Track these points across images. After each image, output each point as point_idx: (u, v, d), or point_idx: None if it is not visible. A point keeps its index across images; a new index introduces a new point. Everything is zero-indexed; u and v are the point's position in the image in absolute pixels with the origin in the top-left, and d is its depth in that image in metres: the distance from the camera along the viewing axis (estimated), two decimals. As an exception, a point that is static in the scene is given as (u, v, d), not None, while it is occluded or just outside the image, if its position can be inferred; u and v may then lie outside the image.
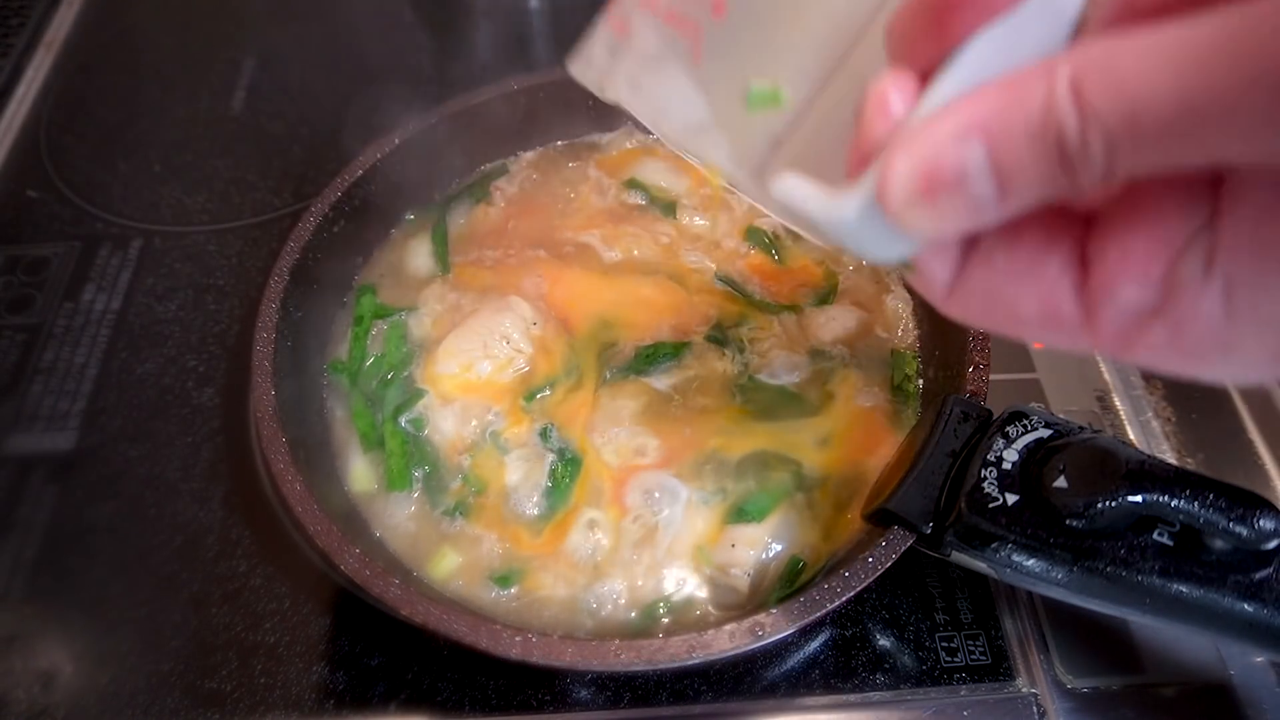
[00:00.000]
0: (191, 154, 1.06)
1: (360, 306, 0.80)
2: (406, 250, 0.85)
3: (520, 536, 0.69)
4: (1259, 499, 0.50)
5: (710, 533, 0.68)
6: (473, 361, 0.74)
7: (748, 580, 0.65)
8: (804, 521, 0.68)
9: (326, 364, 0.77)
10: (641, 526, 0.68)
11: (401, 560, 0.68)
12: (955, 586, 0.72)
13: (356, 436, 0.73)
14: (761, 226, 0.85)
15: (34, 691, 0.68)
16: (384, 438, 0.72)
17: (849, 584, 0.57)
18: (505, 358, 0.75)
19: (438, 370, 0.75)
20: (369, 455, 0.73)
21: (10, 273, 0.94)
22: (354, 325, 0.79)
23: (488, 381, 0.74)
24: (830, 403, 0.74)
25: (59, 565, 0.75)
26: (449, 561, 0.68)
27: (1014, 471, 0.56)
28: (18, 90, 1.13)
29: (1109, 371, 0.86)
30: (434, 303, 0.81)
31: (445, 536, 0.69)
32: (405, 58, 1.16)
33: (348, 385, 0.76)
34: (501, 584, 0.66)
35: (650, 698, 0.67)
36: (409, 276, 0.84)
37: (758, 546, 0.66)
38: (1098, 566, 0.53)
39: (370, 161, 0.81)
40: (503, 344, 0.75)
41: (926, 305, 0.77)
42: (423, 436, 0.73)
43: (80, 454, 0.81)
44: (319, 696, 0.68)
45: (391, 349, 0.77)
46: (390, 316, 0.80)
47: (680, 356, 0.76)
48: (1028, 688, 0.67)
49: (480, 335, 0.75)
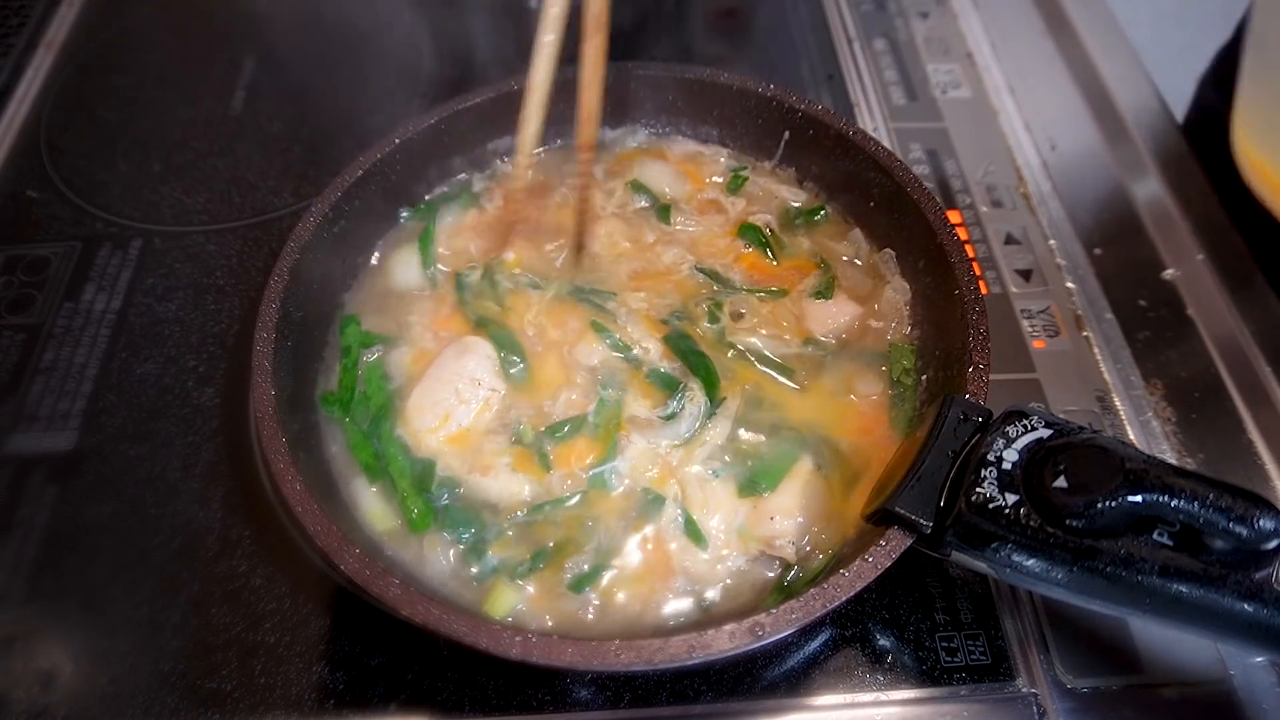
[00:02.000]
0: (191, 154, 1.06)
1: (346, 337, 0.78)
2: (394, 262, 0.84)
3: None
4: (1259, 499, 0.50)
5: (739, 510, 0.69)
6: (449, 411, 0.73)
7: (793, 548, 0.66)
8: (818, 490, 0.69)
9: (319, 395, 0.76)
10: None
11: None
12: (955, 586, 0.72)
13: (359, 467, 0.72)
14: (755, 223, 0.85)
15: (34, 691, 0.68)
16: (393, 477, 0.71)
17: (849, 584, 0.57)
18: (482, 400, 0.73)
19: (416, 427, 0.73)
20: (377, 486, 0.71)
21: (10, 273, 0.94)
22: (342, 357, 0.78)
23: (472, 428, 0.73)
24: (820, 388, 0.75)
25: (59, 565, 0.75)
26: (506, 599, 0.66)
27: (1014, 471, 0.56)
28: (18, 90, 1.13)
29: (1109, 371, 0.86)
30: (417, 328, 0.79)
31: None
32: (405, 58, 1.16)
33: (341, 416, 0.75)
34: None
35: (650, 698, 0.67)
36: (396, 294, 0.82)
37: (794, 514, 0.68)
38: (1098, 566, 0.53)
39: (370, 161, 0.81)
40: (474, 387, 0.74)
41: (926, 303, 0.77)
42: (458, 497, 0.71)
43: (80, 454, 0.81)
44: (319, 696, 0.68)
45: (373, 389, 0.76)
46: (374, 345, 0.78)
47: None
48: (1028, 688, 0.67)
49: (449, 383, 0.74)
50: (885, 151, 0.81)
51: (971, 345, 0.68)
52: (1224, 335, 0.87)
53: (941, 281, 0.74)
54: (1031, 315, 0.90)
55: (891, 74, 1.13)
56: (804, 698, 0.67)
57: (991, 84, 1.12)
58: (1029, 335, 0.88)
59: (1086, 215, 0.98)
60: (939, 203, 0.76)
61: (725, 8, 1.25)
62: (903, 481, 0.60)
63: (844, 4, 1.22)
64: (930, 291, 0.76)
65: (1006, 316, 0.89)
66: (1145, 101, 1.05)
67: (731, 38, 1.21)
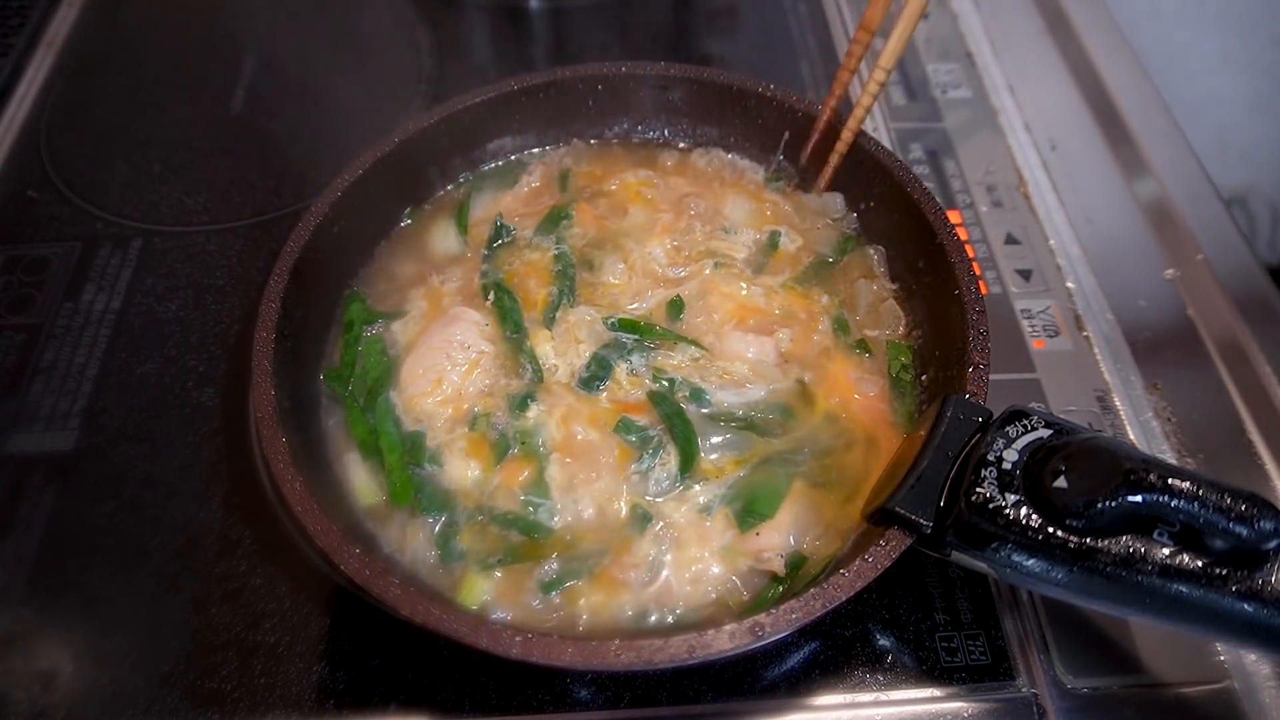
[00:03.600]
0: (191, 154, 1.06)
1: (350, 313, 0.80)
2: (432, 231, 0.86)
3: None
4: (1259, 499, 0.50)
5: (729, 535, 0.67)
6: (441, 374, 0.74)
7: (781, 560, 0.65)
8: (813, 506, 0.68)
9: (322, 371, 0.77)
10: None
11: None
12: (955, 586, 0.72)
13: (355, 444, 0.73)
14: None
15: (34, 691, 0.68)
16: (382, 450, 0.72)
17: (849, 584, 0.57)
18: (470, 360, 0.75)
19: (409, 393, 0.74)
20: (369, 464, 0.72)
21: (10, 273, 0.94)
22: (344, 332, 0.79)
23: (461, 390, 0.74)
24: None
25: (59, 565, 0.75)
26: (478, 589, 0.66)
27: (1014, 471, 0.56)
28: (18, 90, 1.13)
29: (1109, 371, 0.86)
30: (419, 301, 0.81)
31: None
32: (405, 57, 1.16)
33: (341, 391, 0.76)
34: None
35: (650, 698, 0.67)
36: (427, 258, 0.84)
37: (783, 530, 0.67)
38: (1098, 566, 0.53)
39: (370, 161, 0.81)
40: (463, 350, 0.75)
41: (926, 303, 0.77)
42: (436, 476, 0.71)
43: (80, 454, 0.81)
44: (319, 696, 0.68)
45: (371, 363, 0.77)
46: (376, 322, 0.79)
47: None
48: (1028, 688, 0.67)
49: (439, 350, 0.75)
50: (885, 151, 0.81)
51: (971, 345, 0.68)
52: (1224, 335, 0.87)
53: (941, 281, 0.74)
54: (1031, 315, 0.90)
55: (892, 74, 1.13)
56: (804, 698, 0.67)
57: (991, 84, 1.12)
58: (1029, 335, 0.88)
59: (1086, 215, 0.98)
60: (939, 203, 0.76)
61: (725, 7, 1.25)
62: (903, 481, 0.60)
63: (844, 4, 1.23)
64: (930, 291, 0.76)
65: (1006, 316, 0.89)
66: (1145, 101, 1.06)
67: (731, 38, 1.21)
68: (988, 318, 0.69)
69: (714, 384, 0.74)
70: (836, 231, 0.85)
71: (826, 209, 0.86)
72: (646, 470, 0.70)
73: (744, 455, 0.71)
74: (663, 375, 0.74)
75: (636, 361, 0.75)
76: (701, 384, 0.74)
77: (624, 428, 0.72)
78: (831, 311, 0.79)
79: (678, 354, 0.76)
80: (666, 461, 0.70)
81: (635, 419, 0.72)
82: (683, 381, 0.74)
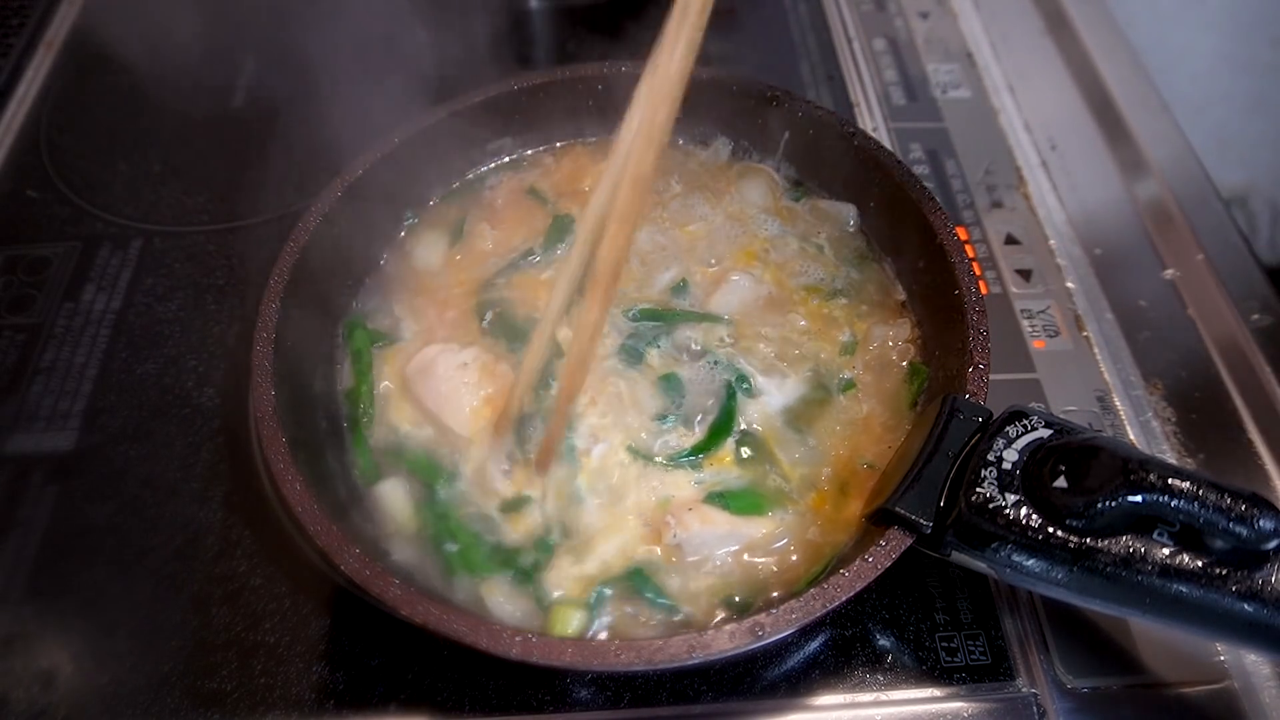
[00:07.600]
0: (191, 154, 1.06)
1: (355, 340, 0.78)
2: (418, 244, 0.85)
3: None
4: (1259, 499, 0.50)
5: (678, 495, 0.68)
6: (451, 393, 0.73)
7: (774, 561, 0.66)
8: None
9: (342, 392, 0.76)
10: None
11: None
12: (955, 586, 0.72)
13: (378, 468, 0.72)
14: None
15: (34, 691, 0.68)
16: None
17: (849, 584, 0.57)
18: (476, 376, 0.74)
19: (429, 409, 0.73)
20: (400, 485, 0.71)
21: (10, 273, 0.94)
22: (354, 362, 0.77)
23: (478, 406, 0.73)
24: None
25: (59, 565, 0.75)
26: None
27: (1014, 471, 0.56)
28: (18, 90, 1.13)
29: (1109, 371, 0.86)
30: (411, 321, 0.80)
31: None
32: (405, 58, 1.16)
33: (358, 414, 0.75)
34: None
35: (650, 698, 0.67)
36: (411, 280, 0.83)
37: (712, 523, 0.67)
38: (1098, 566, 0.53)
39: (370, 161, 0.81)
40: (463, 371, 0.74)
41: (926, 303, 0.77)
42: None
43: (80, 454, 0.81)
44: (319, 696, 0.68)
45: (364, 390, 0.76)
46: (379, 342, 0.78)
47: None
48: (1028, 688, 0.67)
49: (444, 377, 0.74)
50: (885, 151, 0.81)
51: (971, 345, 0.68)
52: (1224, 335, 0.87)
53: (941, 281, 0.74)
54: (1031, 315, 0.90)
55: (891, 74, 1.13)
56: (804, 698, 0.67)
57: (991, 84, 1.12)
58: (1029, 335, 0.88)
59: (1086, 215, 0.98)
60: (939, 203, 0.76)
61: (725, 7, 1.25)
62: (902, 481, 0.60)
63: (844, 4, 1.22)
64: (930, 291, 0.76)
65: (1006, 316, 0.89)
66: (1145, 101, 1.06)
67: (731, 37, 1.21)
68: (988, 318, 0.69)
69: (754, 368, 0.75)
70: (849, 248, 0.84)
71: (840, 218, 0.85)
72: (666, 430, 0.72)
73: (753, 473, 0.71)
74: (710, 353, 0.76)
75: (665, 345, 0.76)
76: (745, 367, 0.75)
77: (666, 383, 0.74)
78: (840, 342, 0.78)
79: (703, 331, 0.77)
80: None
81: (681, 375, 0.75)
82: (727, 364, 0.75)
